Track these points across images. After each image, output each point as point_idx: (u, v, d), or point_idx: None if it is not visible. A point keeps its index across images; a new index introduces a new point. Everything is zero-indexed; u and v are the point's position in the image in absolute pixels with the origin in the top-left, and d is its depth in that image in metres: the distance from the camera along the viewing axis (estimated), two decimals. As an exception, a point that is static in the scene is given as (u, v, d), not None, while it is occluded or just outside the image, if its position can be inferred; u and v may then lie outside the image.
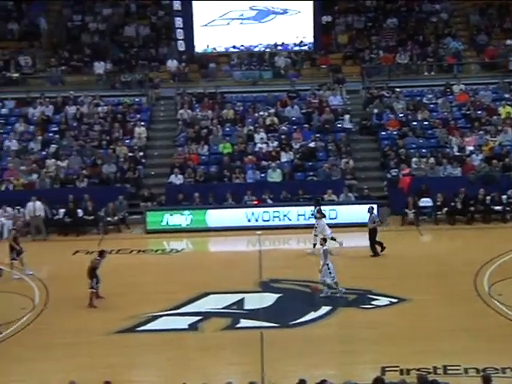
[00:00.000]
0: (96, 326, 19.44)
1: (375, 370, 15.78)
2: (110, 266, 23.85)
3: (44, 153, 30.69)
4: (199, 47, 29.97)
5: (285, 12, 29.24)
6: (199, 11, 29.09)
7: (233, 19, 29.47)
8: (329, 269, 20.76)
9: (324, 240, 21.55)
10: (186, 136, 31.56)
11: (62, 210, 27.93)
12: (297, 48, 30.81)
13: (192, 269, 24.04)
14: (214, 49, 30.15)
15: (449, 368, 16.24)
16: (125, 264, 24.40)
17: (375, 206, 25.59)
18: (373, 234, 24.52)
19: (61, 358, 17.88)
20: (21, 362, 17.72)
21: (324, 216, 24.88)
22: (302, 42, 30.34)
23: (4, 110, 33.48)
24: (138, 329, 19.40)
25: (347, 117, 32.26)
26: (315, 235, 24.18)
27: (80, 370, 16.67)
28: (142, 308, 20.43)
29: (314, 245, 24.15)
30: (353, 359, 17.45)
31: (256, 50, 31.00)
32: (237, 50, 30.89)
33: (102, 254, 21.17)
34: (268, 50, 31.57)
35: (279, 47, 30.90)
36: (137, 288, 22.12)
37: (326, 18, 35.31)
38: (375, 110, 32.64)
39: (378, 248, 24.51)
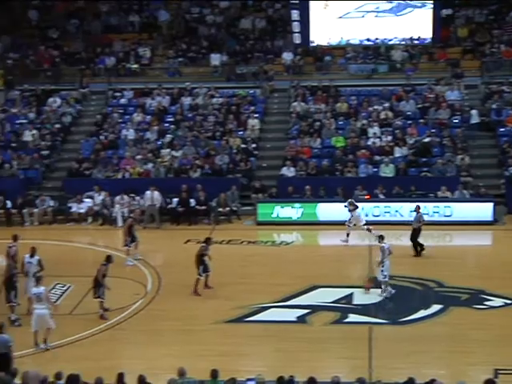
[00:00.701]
0: (206, 315, 19.69)
1: (487, 371, 15.32)
2: (221, 256, 24.12)
3: (159, 142, 31.29)
4: (333, 39, 29.60)
5: (423, 5, 28.52)
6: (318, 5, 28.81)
7: (368, 12, 29.05)
8: (383, 266, 20.41)
9: (382, 237, 21.01)
10: (299, 129, 31.53)
11: (175, 200, 28.40)
12: (415, 42, 30.16)
13: (301, 262, 24.00)
14: (348, 41, 29.79)
15: None
16: (235, 254, 24.59)
17: (421, 205, 24.82)
18: (416, 233, 23.93)
19: (171, 344, 18.20)
20: (132, 346, 18.16)
21: (357, 207, 24.80)
22: (419, 36, 29.79)
23: (123, 100, 34.33)
24: (247, 319, 19.53)
25: (474, 112, 31.40)
26: (348, 226, 24.54)
27: (189, 357, 16.92)
28: (251, 299, 20.54)
29: (348, 234, 24.60)
30: (464, 360, 17.01)
31: (373, 42, 30.47)
32: (357, 43, 30.43)
33: (208, 241, 21.33)
34: (385, 43, 31.04)
35: (396, 40, 30.35)
36: (246, 279, 22.27)
37: (445, 11, 34.48)
38: (494, 106, 31.73)
39: (417, 248, 23.93)
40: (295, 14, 28.42)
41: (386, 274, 20.46)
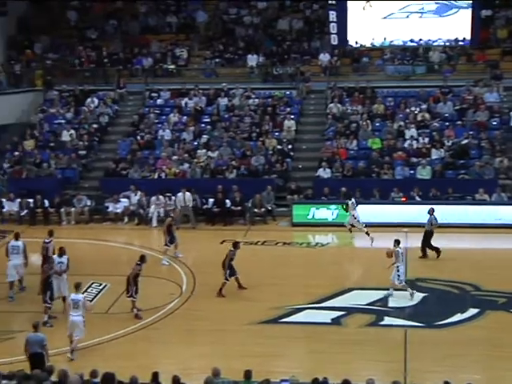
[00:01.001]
0: (240, 315, 19.68)
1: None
2: (256, 257, 24.23)
3: (196, 143, 31.38)
4: (377, 40, 29.37)
5: (469, 6, 28.13)
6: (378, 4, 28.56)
7: (412, 12, 28.76)
8: (398, 271, 20.35)
9: (397, 242, 20.82)
10: (335, 130, 31.43)
11: (210, 200, 28.46)
12: (455, 43, 29.84)
13: (336, 263, 23.94)
14: (391, 42, 29.53)
15: None
16: (270, 256, 24.58)
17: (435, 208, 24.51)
18: (428, 236, 23.73)
19: (205, 344, 18.23)
20: (166, 346, 18.21)
21: (356, 208, 25.53)
22: (456, 38, 29.52)
23: (159, 101, 34.49)
24: (281, 320, 19.50)
25: (515, 114, 31.12)
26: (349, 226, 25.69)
27: (223, 357, 16.93)
28: (285, 300, 20.51)
29: (350, 230, 25.78)
30: (501, 365, 16.81)
31: (416, 43, 30.16)
32: (400, 44, 30.15)
33: (236, 245, 21.29)
34: (429, 44, 30.74)
35: (434, 42, 30.07)
36: (281, 280, 22.23)
37: (485, 12, 34.11)
38: (534, 108, 31.38)
39: (425, 251, 23.79)
40: (333, 15, 28.30)
41: (402, 279, 20.41)
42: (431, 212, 24.07)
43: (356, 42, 29.28)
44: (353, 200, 25.77)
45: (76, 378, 13.35)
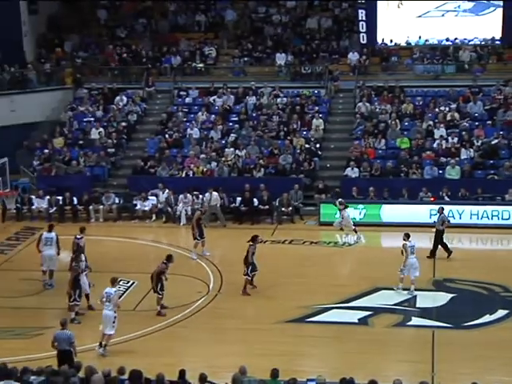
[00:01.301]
0: (267, 314, 19.69)
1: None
2: (283, 256, 24.23)
3: (223, 142, 31.42)
4: (411, 38, 29.06)
5: (501, 5, 27.72)
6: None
7: (448, 11, 28.43)
8: (404, 265, 20.67)
9: (407, 235, 21.17)
10: (364, 129, 31.31)
11: (238, 199, 28.47)
12: (484, 42, 29.48)
13: (364, 263, 23.84)
14: (427, 40, 29.21)
15: None
16: (297, 255, 24.54)
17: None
18: (439, 235, 23.64)
19: (231, 342, 18.25)
20: (193, 344, 18.25)
21: (347, 207, 25.85)
22: (484, 37, 29.19)
23: (188, 99, 34.57)
24: (308, 319, 19.47)
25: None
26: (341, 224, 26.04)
27: (250, 355, 16.94)
28: (312, 299, 20.48)
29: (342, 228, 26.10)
30: (530, 367, 16.68)
31: (451, 42, 29.75)
32: (432, 42, 29.80)
33: (254, 239, 21.32)
34: (452, 43, 30.41)
35: (465, 41, 29.72)
36: (308, 279, 22.21)
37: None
38: None
39: (435, 251, 23.64)
40: (362, 14, 28.15)
41: (404, 271, 20.76)
42: (441, 211, 24.02)
43: (391, 41, 28.95)
44: (340, 200, 26.01)
45: (99, 378, 13.41)
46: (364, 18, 28.29)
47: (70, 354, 15.73)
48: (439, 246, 23.68)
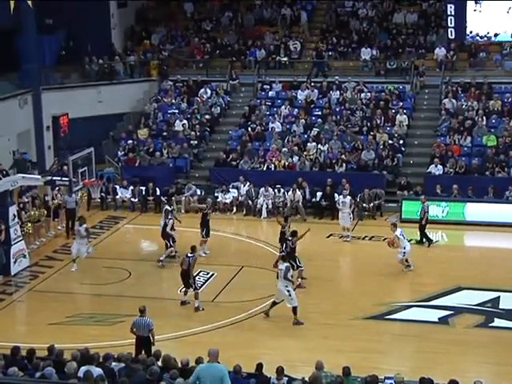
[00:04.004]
0: (346, 310, 19.59)
1: None
2: (363, 252, 24.08)
3: (306, 136, 31.33)
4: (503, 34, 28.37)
5: None
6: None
7: None
8: (404, 249, 21.85)
9: (394, 225, 22.37)
10: (449, 126, 30.77)
11: (319, 193, 28.37)
12: None
13: (446, 262, 23.45)
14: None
15: None
16: (377, 251, 24.26)
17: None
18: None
19: (309, 337, 18.23)
20: (271, 337, 18.29)
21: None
22: None
23: (271, 93, 34.59)
24: (388, 317, 19.30)
25: None
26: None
27: (328, 351, 16.90)
28: (392, 297, 20.32)
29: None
30: None
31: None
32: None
33: (294, 233, 21.33)
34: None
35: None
36: (388, 276, 22.00)
37: None
38: None
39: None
40: (451, 8, 27.65)
41: (407, 254, 21.99)
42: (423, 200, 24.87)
43: (479, 36, 28.26)
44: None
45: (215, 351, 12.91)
46: (453, 13, 27.83)
47: (148, 341, 15.98)
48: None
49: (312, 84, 33.96)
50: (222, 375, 11.97)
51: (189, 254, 19.87)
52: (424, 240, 24.80)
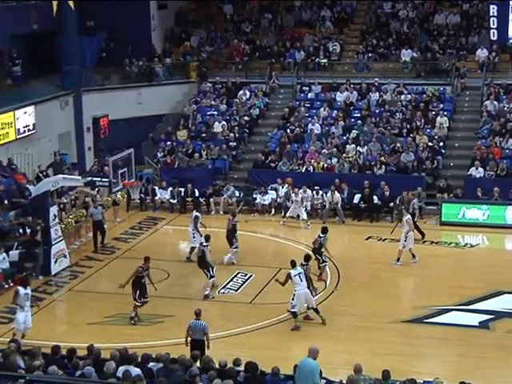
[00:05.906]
0: (385, 313, 19.48)
1: None
2: (403, 254, 23.84)
3: (345, 138, 31.22)
4: None
5: None
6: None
7: None
8: (406, 237, 22.55)
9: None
10: (490, 128, 30.44)
11: (357, 195, 28.24)
12: None
13: (486, 265, 23.20)
14: None
15: None
16: (417, 254, 24.08)
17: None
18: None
19: (347, 339, 18.16)
20: (309, 339, 18.10)
21: None
22: None
23: (310, 95, 34.53)
24: (427, 320, 19.15)
25: None
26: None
27: (366, 354, 16.80)
28: (431, 300, 20.13)
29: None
30: None
31: None
32: None
33: (324, 230, 21.35)
34: None
35: None
36: (427, 279, 21.86)
37: None
38: None
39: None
40: (493, 9, 27.37)
41: (406, 245, 22.66)
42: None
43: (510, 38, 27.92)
44: None
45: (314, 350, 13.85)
46: (495, 14, 27.59)
47: (202, 344, 16.00)
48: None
49: (351, 86, 33.83)
50: (313, 370, 13.40)
51: (204, 243, 21.03)
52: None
